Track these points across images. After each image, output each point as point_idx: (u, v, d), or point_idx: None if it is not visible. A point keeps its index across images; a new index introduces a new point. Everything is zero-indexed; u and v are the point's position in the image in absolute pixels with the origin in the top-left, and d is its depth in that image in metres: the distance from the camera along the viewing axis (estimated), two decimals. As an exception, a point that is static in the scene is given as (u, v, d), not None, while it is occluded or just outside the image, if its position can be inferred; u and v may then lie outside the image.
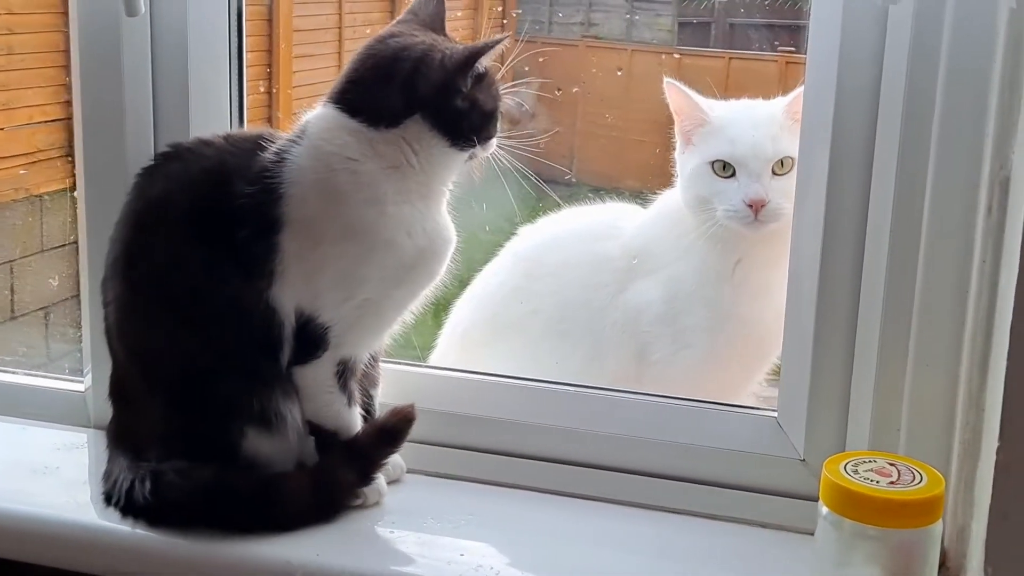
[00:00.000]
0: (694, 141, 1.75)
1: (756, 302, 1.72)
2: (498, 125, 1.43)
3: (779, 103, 1.72)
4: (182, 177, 1.40)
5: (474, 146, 1.40)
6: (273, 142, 1.39)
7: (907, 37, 1.28)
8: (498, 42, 1.37)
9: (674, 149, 1.80)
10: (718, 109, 1.75)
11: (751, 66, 2.65)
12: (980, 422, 1.26)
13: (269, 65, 2.61)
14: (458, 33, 1.42)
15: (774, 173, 1.68)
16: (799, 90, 1.63)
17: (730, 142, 1.70)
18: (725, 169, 1.70)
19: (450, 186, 1.44)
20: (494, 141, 1.44)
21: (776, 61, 2.43)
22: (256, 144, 1.39)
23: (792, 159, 1.66)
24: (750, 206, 1.66)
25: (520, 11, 2.96)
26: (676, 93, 1.75)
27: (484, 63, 1.38)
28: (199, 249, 1.36)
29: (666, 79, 1.76)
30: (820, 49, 1.36)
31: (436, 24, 1.44)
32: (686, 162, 1.76)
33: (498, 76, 1.43)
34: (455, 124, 1.38)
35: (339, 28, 2.74)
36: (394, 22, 1.44)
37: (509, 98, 1.44)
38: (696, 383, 1.73)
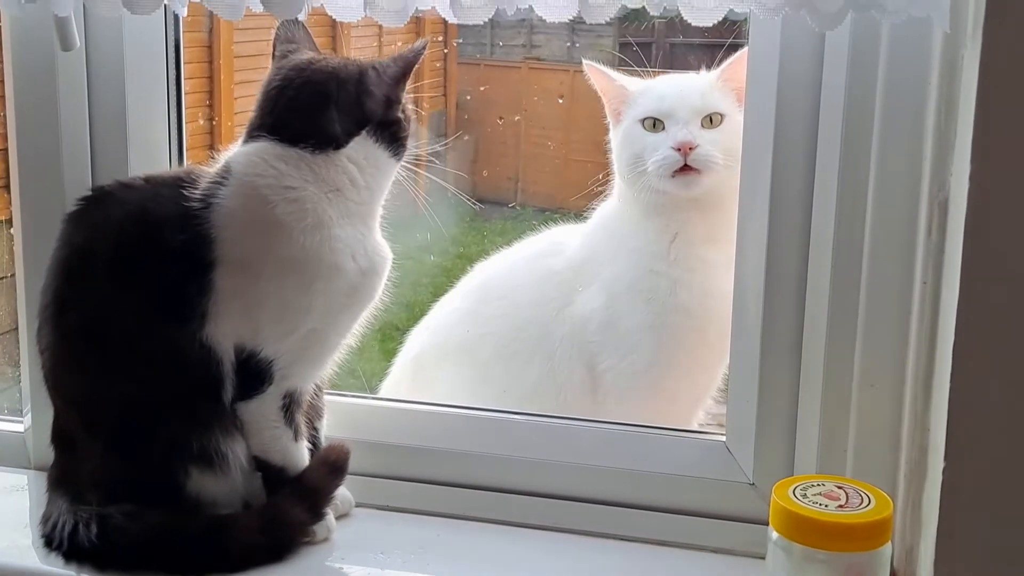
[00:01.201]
0: (623, 112, 1.76)
1: (695, 285, 1.71)
2: None
3: (713, 71, 1.74)
4: (104, 225, 1.38)
5: (404, 152, 1.44)
6: (196, 181, 1.38)
7: (844, 62, 1.30)
8: (423, 48, 1.40)
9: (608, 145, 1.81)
10: (640, 83, 1.77)
11: (692, 84, 2.67)
12: (926, 442, 1.27)
13: (210, 92, 2.58)
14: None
15: (703, 127, 1.69)
16: (734, 57, 1.66)
17: (658, 98, 1.72)
18: (655, 126, 1.71)
19: (382, 203, 1.44)
20: None
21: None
22: (178, 186, 1.37)
23: (722, 115, 1.68)
24: (678, 150, 1.67)
25: (461, 40, 2.96)
26: (597, 74, 1.77)
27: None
28: (126, 295, 1.35)
29: (585, 62, 1.78)
30: (759, 75, 1.37)
31: (314, 47, 1.47)
32: (618, 131, 1.77)
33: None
34: (395, 134, 1.42)
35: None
36: (289, 51, 1.44)
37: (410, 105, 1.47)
38: (647, 392, 1.73)
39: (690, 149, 1.66)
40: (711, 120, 1.69)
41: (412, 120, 1.45)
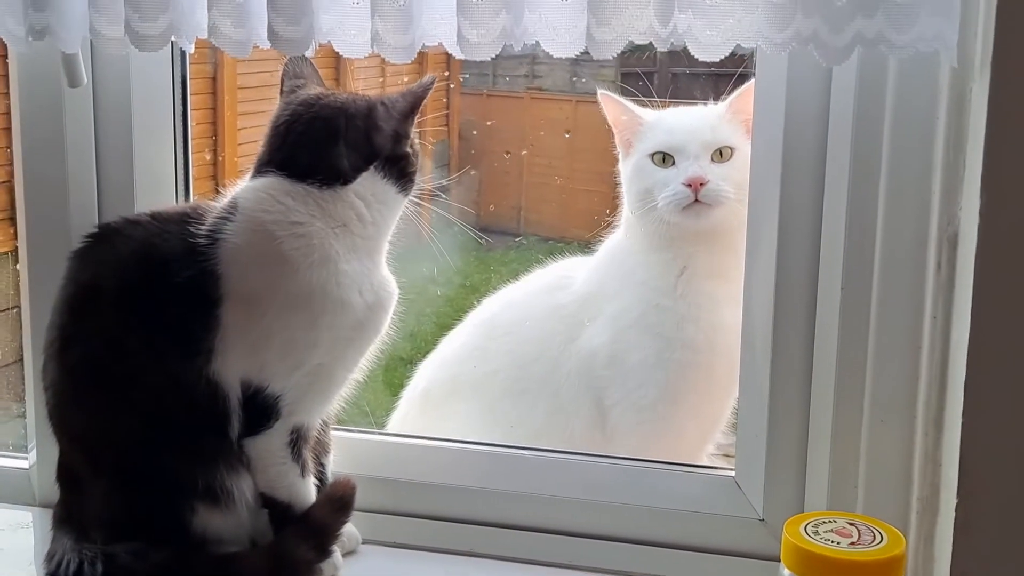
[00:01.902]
0: (633, 144, 1.76)
1: (702, 320, 1.70)
2: None
3: (721, 103, 1.73)
4: (110, 261, 1.38)
5: (411, 187, 1.43)
6: (202, 218, 1.38)
7: (852, 96, 1.30)
8: (431, 84, 1.40)
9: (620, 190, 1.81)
10: (653, 114, 1.77)
11: (694, 114, 2.67)
12: (938, 478, 1.26)
13: (214, 124, 2.58)
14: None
15: (713, 160, 1.69)
16: (743, 88, 1.65)
17: (668, 132, 1.72)
18: (665, 160, 1.71)
19: (389, 238, 1.44)
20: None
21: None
22: (184, 222, 1.37)
23: (732, 149, 1.67)
24: (689, 186, 1.66)
25: (466, 75, 2.97)
26: (611, 103, 1.76)
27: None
28: (132, 332, 1.34)
29: (600, 91, 1.77)
30: (766, 109, 1.37)
31: (321, 83, 1.47)
32: (628, 163, 1.77)
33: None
34: (403, 170, 1.41)
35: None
36: (298, 87, 1.44)
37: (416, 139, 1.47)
38: (655, 427, 1.72)
39: (701, 185, 1.66)
40: (721, 154, 1.69)
41: (419, 154, 1.45)
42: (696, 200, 1.66)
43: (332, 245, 1.35)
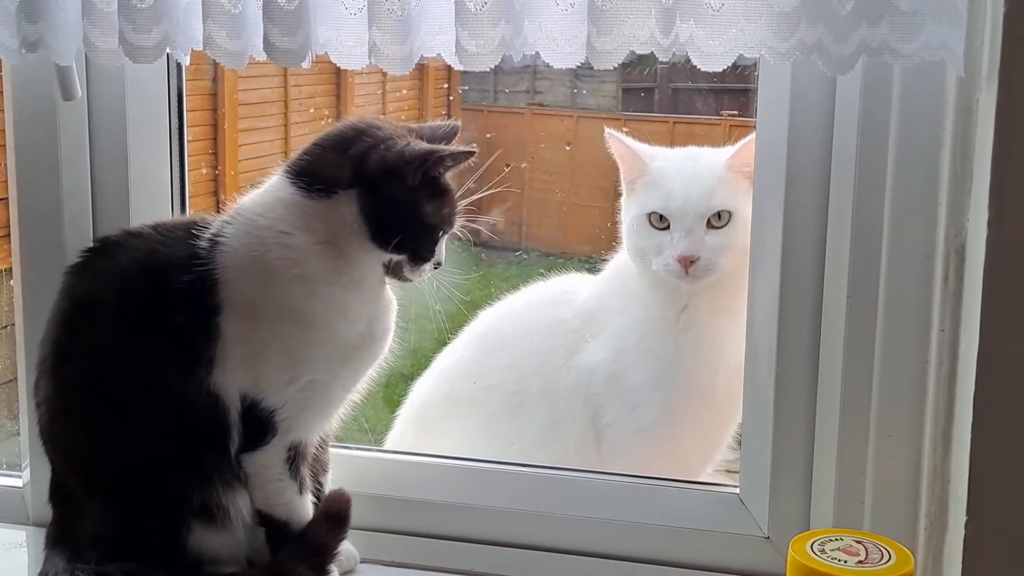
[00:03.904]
0: (636, 189, 1.74)
1: (703, 353, 1.69)
2: (436, 252, 1.36)
3: (722, 154, 1.71)
4: (110, 272, 1.36)
5: (395, 252, 1.34)
6: (207, 228, 1.36)
7: (856, 106, 1.28)
8: (467, 154, 1.33)
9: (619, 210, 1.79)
10: (659, 159, 1.74)
11: (695, 129, 2.67)
12: (946, 494, 1.24)
13: (215, 139, 2.58)
14: (404, 112, 1.40)
15: (710, 226, 1.67)
16: (744, 141, 1.63)
17: (665, 196, 1.69)
18: (661, 221, 1.69)
19: (378, 275, 1.37)
20: (427, 268, 1.37)
21: (720, 124, 2.45)
22: (188, 232, 1.35)
23: (729, 213, 1.65)
24: (679, 262, 1.65)
25: (466, 87, 2.96)
26: (617, 144, 1.75)
27: (444, 172, 1.33)
28: (132, 342, 1.32)
29: (607, 130, 1.75)
30: (769, 120, 1.36)
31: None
32: (628, 211, 1.75)
33: (460, 205, 1.37)
34: (384, 215, 1.32)
35: (285, 101, 2.72)
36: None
37: (461, 229, 1.38)
38: (652, 448, 1.70)
39: (691, 263, 1.64)
40: (719, 217, 1.67)
41: (429, 230, 1.34)
42: (687, 273, 1.65)
43: (311, 262, 1.32)
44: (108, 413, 1.33)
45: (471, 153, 1.33)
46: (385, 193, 1.32)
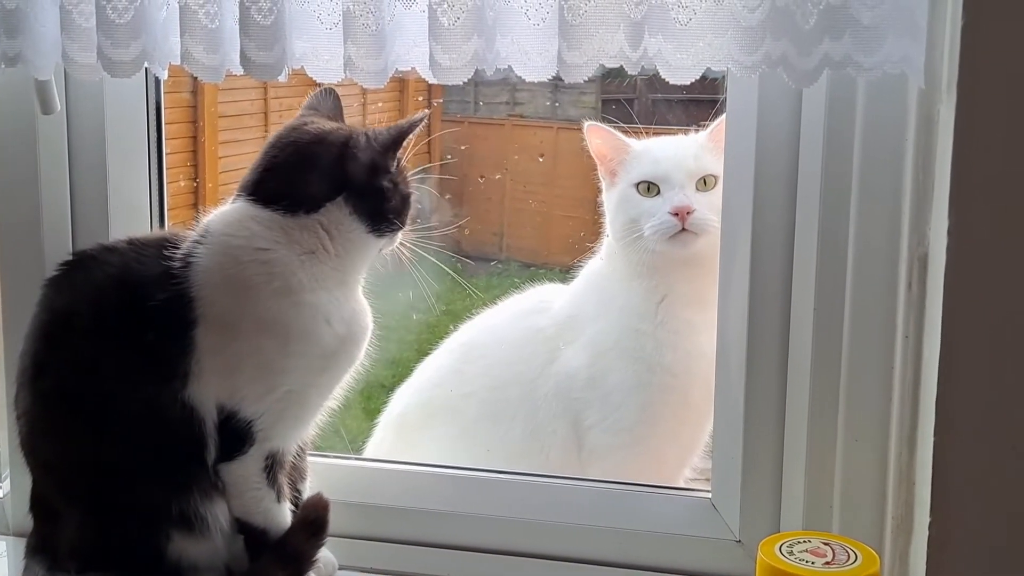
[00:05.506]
0: (618, 173, 1.76)
1: (680, 347, 1.71)
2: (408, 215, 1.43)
3: (703, 132, 1.74)
4: (86, 286, 1.38)
5: (392, 231, 1.40)
6: (178, 243, 1.37)
7: (821, 118, 1.31)
8: (421, 120, 1.38)
9: (601, 217, 1.81)
10: (640, 143, 1.77)
11: (674, 140, 2.69)
12: (911, 497, 1.26)
13: (194, 152, 2.58)
14: (384, 125, 1.42)
15: (698, 189, 1.70)
16: (722, 117, 1.65)
17: (653, 162, 1.72)
18: (650, 190, 1.71)
19: (364, 273, 1.42)
20: (400, 234, 1.43)
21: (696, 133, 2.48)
22: (160, 247, 1.37)
23: (716, 177, 1.68)
24: (676, 215, 1.67)
25: (442, 99, 2.98)
26: (599, 132, 1.77)
27: (405, 145, 1.39)
28: (108, 357, 1.34)
29: (586, 123, 1.78)
30: (737, 133, 1.38)
31: (337, 117, 1.45)
32: (612, 196, 1.77)
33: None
34: (378, 207, 1.38)
35: (264, 113, 2.73)
36: (298, 116, 1.44)
37: (416, 187, 1.44)
38: (632, 450, 1.72)
39: (687, 214, 1.66)
40: (705, 182, 1.70)
41: (408, 200, 1.41)
42: (683, 229, 1.67)
43: (295, 273, 1.34)
44: (85, 425, 1.35)
45: (424, 117, 1.39)
46: (371, 187, 1.37)
